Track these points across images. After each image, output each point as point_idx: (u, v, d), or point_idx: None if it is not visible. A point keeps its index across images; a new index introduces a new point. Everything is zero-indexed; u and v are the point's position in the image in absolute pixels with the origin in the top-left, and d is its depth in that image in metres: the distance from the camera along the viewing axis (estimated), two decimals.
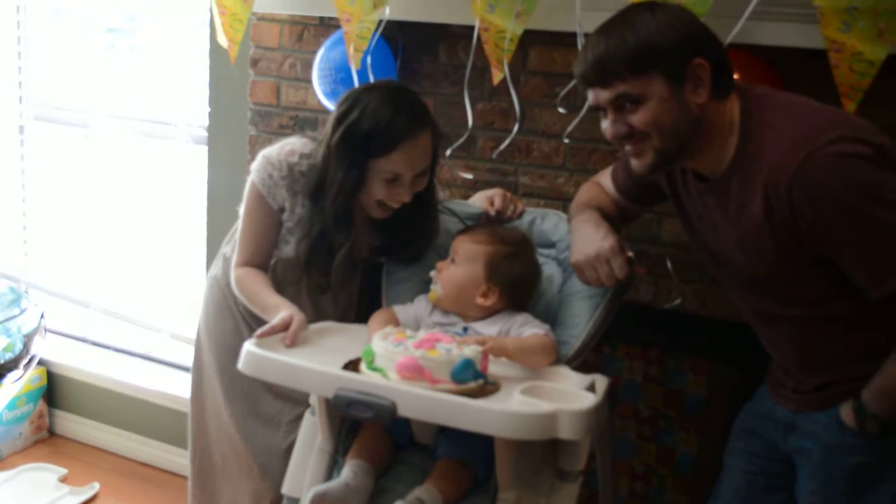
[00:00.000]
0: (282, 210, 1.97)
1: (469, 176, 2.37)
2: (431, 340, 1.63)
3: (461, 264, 1.83)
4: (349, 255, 1.94)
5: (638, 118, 1.53)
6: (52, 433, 3.45)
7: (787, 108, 1.52)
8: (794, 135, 1.45)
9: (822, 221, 1.44)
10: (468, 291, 1.81)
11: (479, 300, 1.81)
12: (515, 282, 1.83)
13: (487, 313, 1.83)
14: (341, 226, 1.91)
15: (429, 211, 1.99)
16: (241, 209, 2.03)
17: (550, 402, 1.50)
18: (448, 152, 2.35)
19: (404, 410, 1.49)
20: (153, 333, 3.39)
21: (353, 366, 1.65)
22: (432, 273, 1.85)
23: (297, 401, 2.10)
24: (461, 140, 2.33)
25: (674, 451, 2.37)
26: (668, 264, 2.17)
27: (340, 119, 1.85)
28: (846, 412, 1.58)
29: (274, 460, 2.12)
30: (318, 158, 1.91)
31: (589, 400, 1.53)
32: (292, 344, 1.73)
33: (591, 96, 1.58)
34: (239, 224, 2.05)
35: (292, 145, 1.98)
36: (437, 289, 1.84)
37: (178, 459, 3.15)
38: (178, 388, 3.14)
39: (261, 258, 1.99)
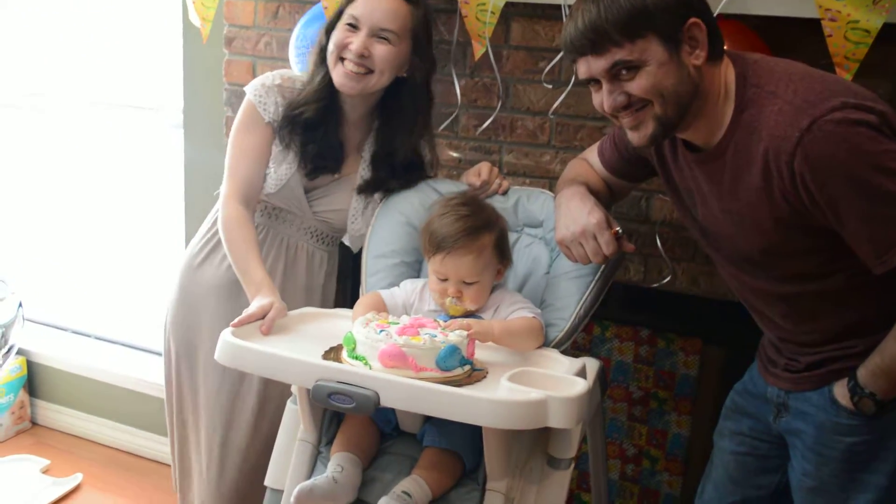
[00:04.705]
0: (272, 127, 1.98)
1: (459, 155, 2.30)
2: (415, 326, 1.58)
3: (478, 275, 1.72)
4: (330, 140, 2.00)
5: (637, 85, 1.47)
6: (34, 423, 3.41)
7: (786, 75, 1.46)
8: (795, 101, 1.40)
9: (826, 192, 1.38)
10: (491, 284, 1.78)
11: (497, 279, 1.79)
12: (507, 237, 1.82)
13: None
14: (319, 94, 1.95)
15: (418, 117, 2.00)
16: (231, 138, 2.02)
17: (540, 389, 1.45)
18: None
19: (387, 401, 1.44)
20: (133, 321, 3.34)
21: (334, 353, 1.60)
22: (448, 300, 1.73)
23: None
24: (450, 119, 2.26)
25: (666, 432, 2.34)
26: (658, 242, 2.12)
27: None
28: (841, 391, 1.55)
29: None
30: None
31: (579, 386, 1.48)
32: (269, 332, 1.68)
33: (583, 67, 1.51)
34: (227, 157, 2.02)
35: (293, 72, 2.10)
36: (465, 304, 1.73)
37: (163, 448, 3.12)
38: (160, 375, 3.07)
39: (252, 182, 1.98)
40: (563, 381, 1.51)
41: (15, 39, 3.37)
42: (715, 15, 1.77)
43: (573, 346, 1.85)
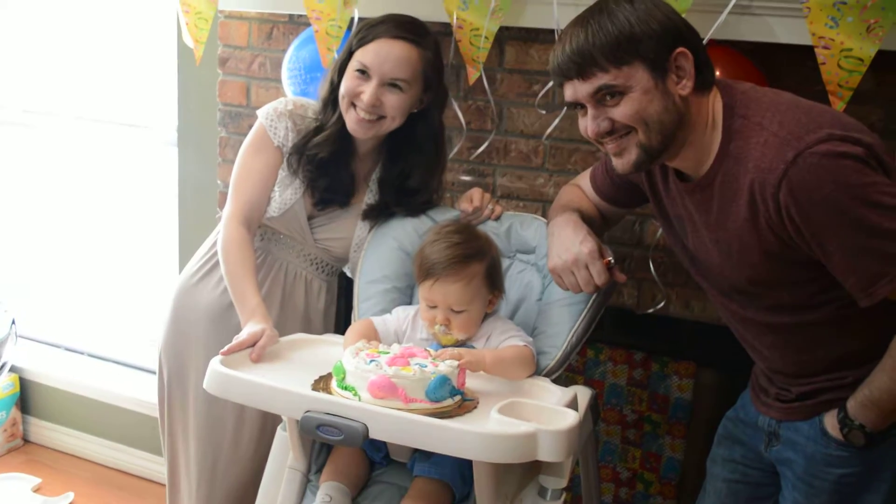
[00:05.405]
0: (280, 151, 1.96)
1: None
2: (405, 356, 1.56)
3: (467, 304, 1.71)
4: (343, 168, 1.98)
5: (620, 112, 1.46)
6: (26, 441, 3.38)
7: (773, 105, 1.45)
8: (781, 133, 1.39)
9: (811, 224, 1.37)
10: (482, 314, 1.76)
11: (488, 310, 1.77)
12: (499, 267, 1.80)
13: None
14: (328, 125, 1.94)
15: (433, 148, 1.99)
16: (238, 160, 2.00)
17: (529, 422, 1.43)
18: None
19: (376, 433, 1.42)
20: (127, 338, 3.32)
21: (323, 382, 1.59)
22: (438, 328, 1.72)
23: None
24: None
25: (660, 455, 2.32)
26: (651, 267, 2.11)
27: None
28: (831, 422, 1.54)
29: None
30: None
31: (570, 418, 1.46)
32: (258, 359, 1.66)
33: (569, 91, 1.51)
34: (232, 178, 2.00)
35: (305, 100, 2.06)
36: (454, 334, 1.72)
37: (155, 467, 3.10)
38: (153, 394, 3.05)
39: (256, 204, 1.96)
40: (553, 414, 1.49)
41: (11, 57, 3.35)
42: (707, 40, 1.79)
43: (566, 367, 1.83)
